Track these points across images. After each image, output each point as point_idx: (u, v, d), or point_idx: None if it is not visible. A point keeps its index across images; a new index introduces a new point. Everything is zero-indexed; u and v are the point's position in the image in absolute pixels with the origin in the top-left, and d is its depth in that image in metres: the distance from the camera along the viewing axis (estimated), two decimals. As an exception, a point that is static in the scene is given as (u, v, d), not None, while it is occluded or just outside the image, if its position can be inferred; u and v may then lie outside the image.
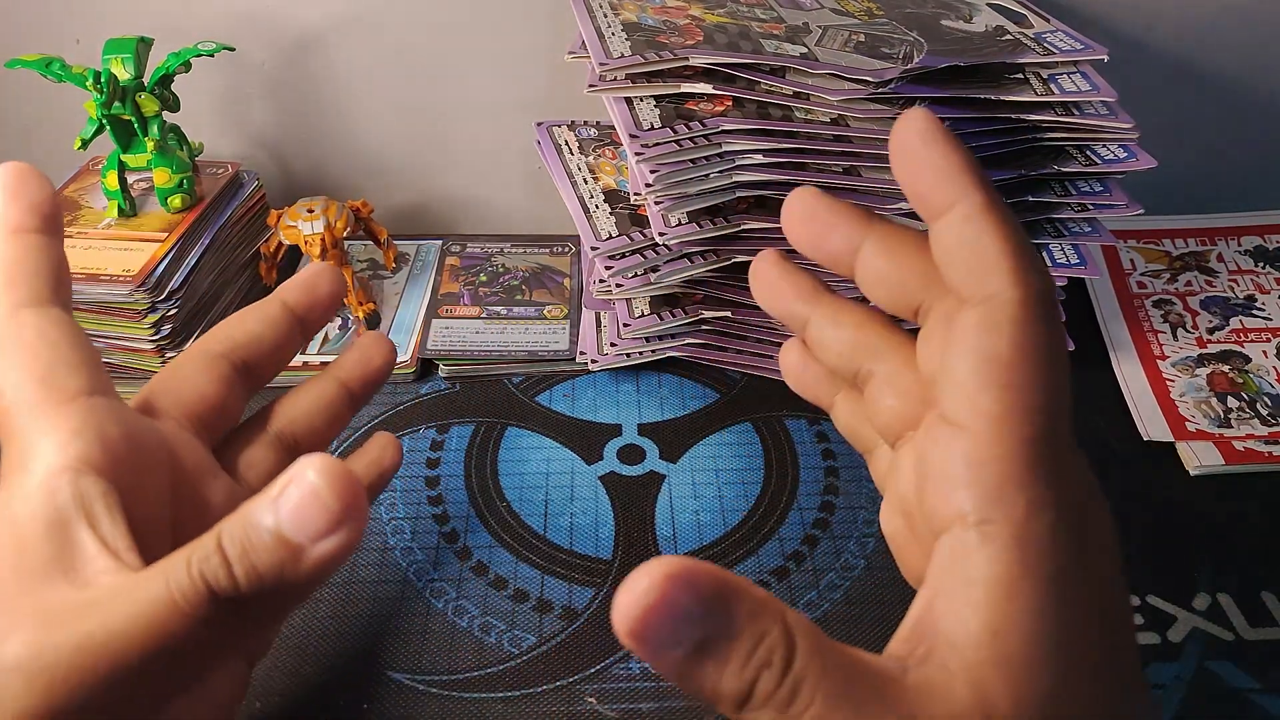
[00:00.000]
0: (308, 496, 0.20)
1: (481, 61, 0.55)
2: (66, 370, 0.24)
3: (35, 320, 0.24)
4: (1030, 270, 0.20)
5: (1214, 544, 0.39)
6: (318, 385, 0.32)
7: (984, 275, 0.20)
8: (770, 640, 0.19)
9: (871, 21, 0.45)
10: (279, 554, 0.20)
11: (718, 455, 0.43)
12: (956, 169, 0.20)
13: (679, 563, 0.18)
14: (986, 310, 0.20)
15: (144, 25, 0.47)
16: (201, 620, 0.20)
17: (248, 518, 0.21)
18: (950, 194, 0.20)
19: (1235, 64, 0.57)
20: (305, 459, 0.20)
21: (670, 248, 0.42)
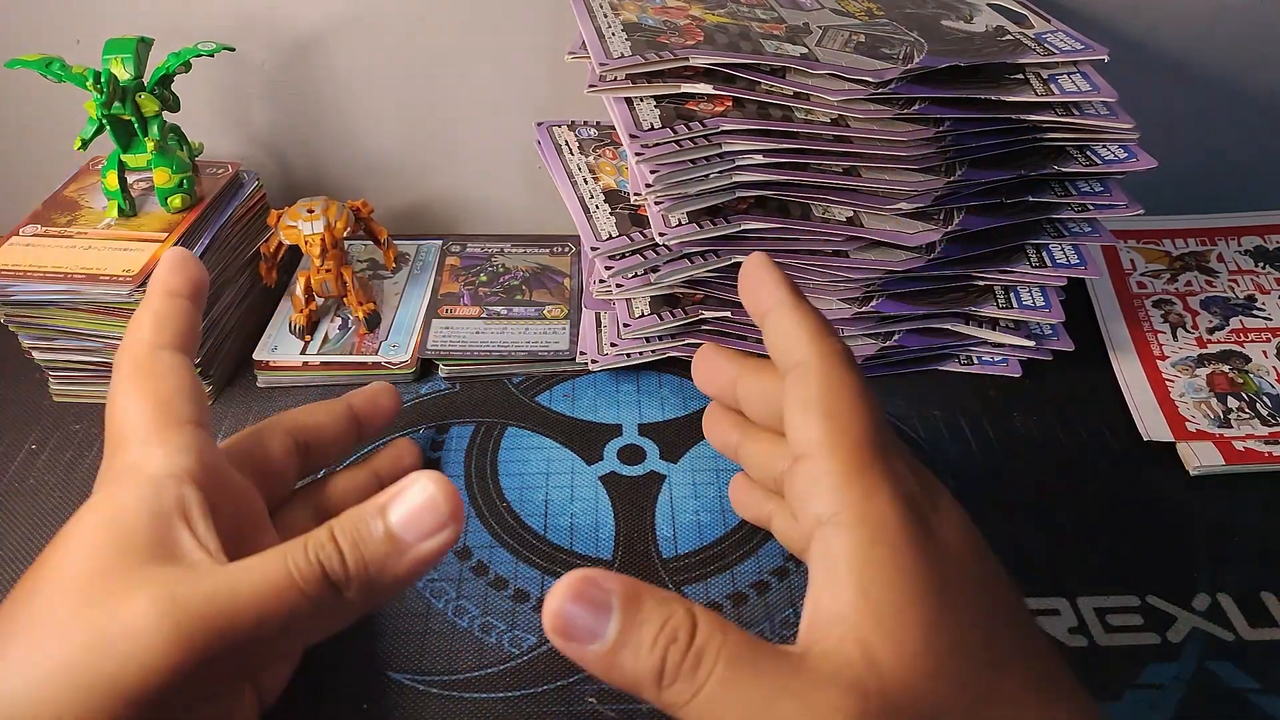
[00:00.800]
0: (424, 502, 0.25)
1: (481, 61, 0.55)
2: (183, 401, 0.28)
3: (169, 359, 0.29)
4: (825, 339, 0.27)
5: (1214, 544, 0.39)
6: (356, 474, 0.37)
7: (795, 349, 0.27)
8: (675, 620, 0.23)
9: (872, 22, 0.45)
10: (386, 548, 0.25)
11: (718, 455, 0.43)
12: (775, 283, 0.29)
13: (593, 570, 0.23)
14: (798, 371, 0.27)
15: (144, 25, 0.47)
16: (314, 598, 0.24)
17: (360, 516, 0.25)
18: (770, 300, 0.29)
19: (1235, 64, 0.57)
20: (418, 473, 0.25)
21: (670, 248, 0.42)
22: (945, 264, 0.43)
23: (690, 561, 0.38)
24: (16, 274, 0.41)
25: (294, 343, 0.47)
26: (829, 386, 0.26)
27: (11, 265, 0.42)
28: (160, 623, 0.22)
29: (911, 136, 0.40)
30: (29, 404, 0.45)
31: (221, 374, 0.47)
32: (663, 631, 0.22)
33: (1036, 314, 0.45)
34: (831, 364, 0.27)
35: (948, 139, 0.41)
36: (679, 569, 0.38)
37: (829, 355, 0.27)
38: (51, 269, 0.42)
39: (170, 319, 0.30)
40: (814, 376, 0.26)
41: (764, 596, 0.37)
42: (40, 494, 0.40)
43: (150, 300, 0.31)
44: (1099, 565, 0.38)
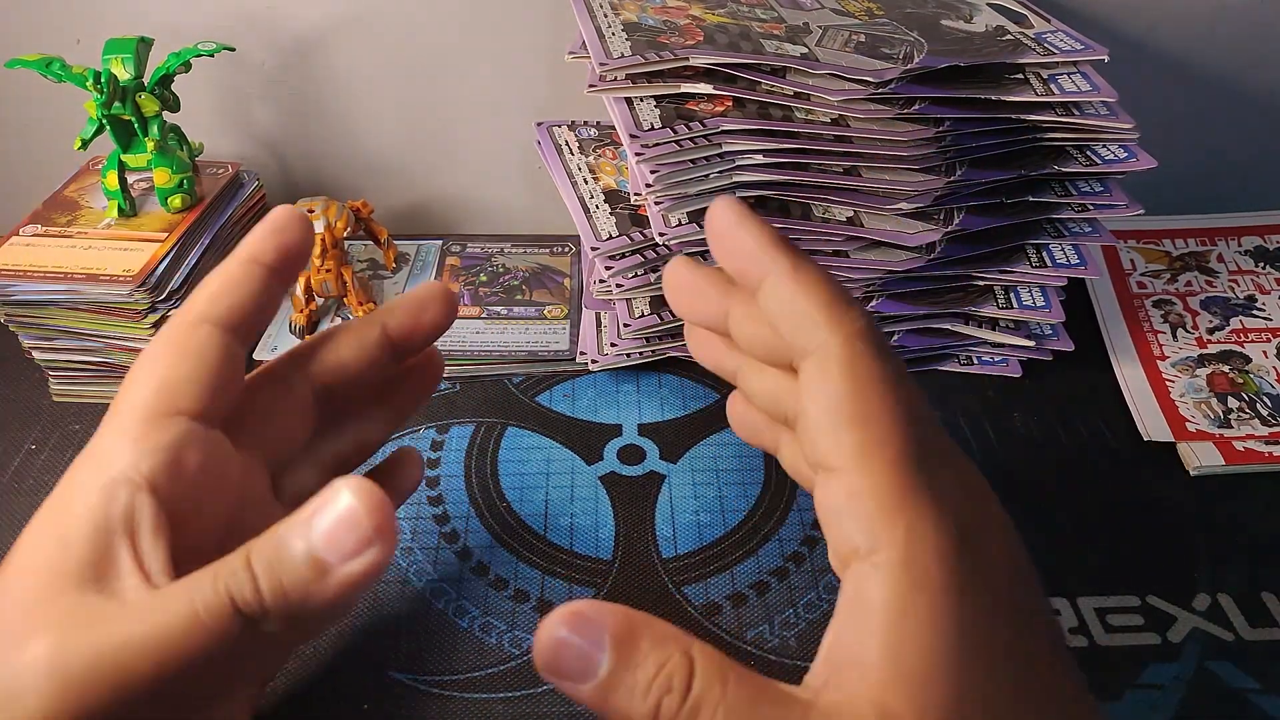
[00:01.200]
0: (343, 516, 0.21)
1: (481, 61, 0.55)
2: (192, 387, 0.25)
3: (205, 335, 0.25)
4: (845, 314, 0.22)
5: (1214, 544, 0.39)
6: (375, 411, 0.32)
7: (806, 330, 0.22)
8: (670, 666, 0.20)
9: (872, 21, 0.45)
10: (305, 572, 0.21)
11: (718, 455, 0.43)
12: (764, 243, 0.23)
13: (587, 604, 0.21)
14: (817, 360, 0.22)
15: (144, 25, 0.47)
16: (223, 636, 0.21)
17: (278, 537, 0.21)
18: (762, 266, 0.23)
19: (1235, 64, 0.57)
20: (340, 480, 0.21)
21: (670, 248, 0.42)
22: (945, 264, 0.43)
23: (690, 561, 0.38)
24: (16, 274, 0.41)
25: (294, 342, 0.47)
26: (858, 383, 0.22)
27: (11, 265, 0.42)
28: (47, 681, 0.21)
29: (911, 136, 0.40)
30: (29, 404, 0.45)
31: (221, 374, 0.46)
32: (658, 677, 0.20)
33: (1036, 314, 0.45)
34: (858, 350, 0.22)
35: (948, 139, 0.41)
36: (679, 569, 0.38)
37: (853, 338, 0.22)
38: (52, 269, 0.42)
39: (236, 289, 0.26)
40: (837, 370, 0.22)
41: (764, 597, 0.37)
42: (40, 494, 0.40)
43: (227, 263, 0.27)
44: (1099, 565, 0.38)
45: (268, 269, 0.27)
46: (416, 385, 0.33)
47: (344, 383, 0.29)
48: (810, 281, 0.23)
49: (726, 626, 0.35)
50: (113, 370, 0.44)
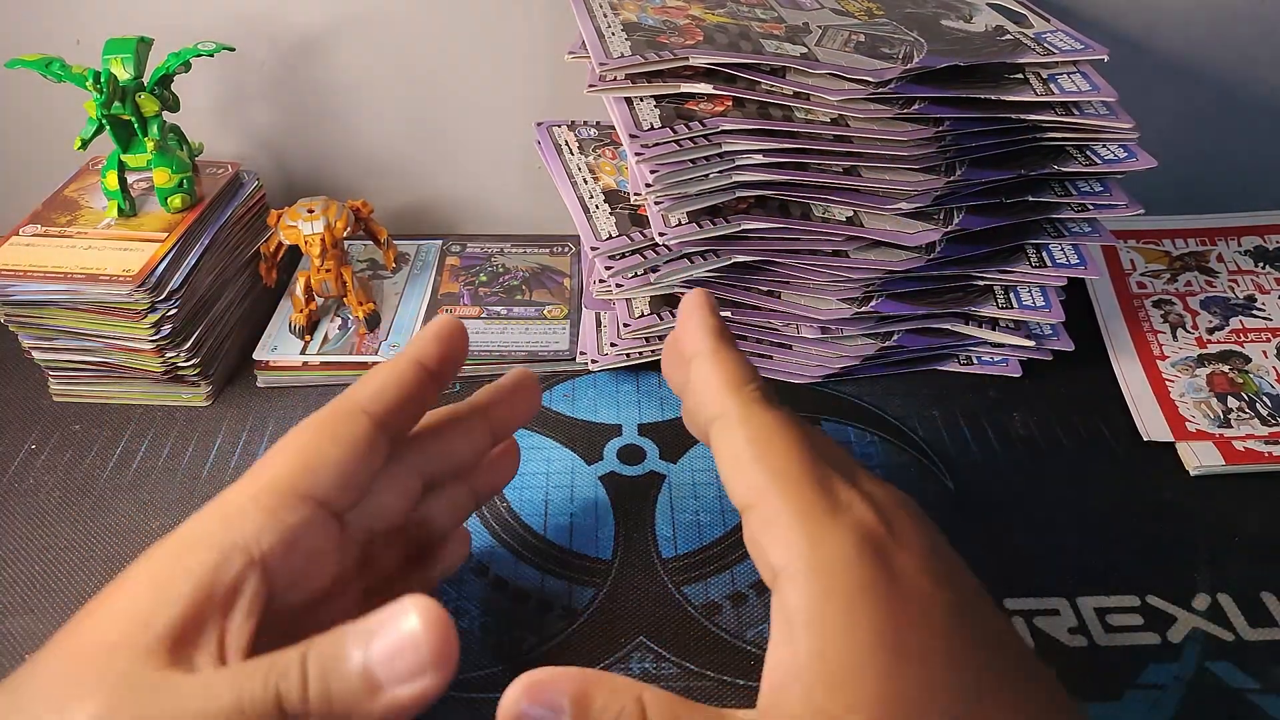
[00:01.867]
0: (405, 638, 0.22)
1: (481, 62, 0.55)
2: (333, 475, 0.26)
3: (362, 427, 0.27)
4: (741, 387, 0.26)
5: (1214, 544, 0.39)
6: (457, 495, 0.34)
7: (712, 400, 0.27)
8: (625, 712, 0.22)
9: (871, 21, 0.45)
10: (357, 685, 0.22)
11: (718, 455, 0.43)
12: (698, 329, 0.28)
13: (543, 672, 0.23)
14: (720, 424, 0.26)
15: (144, 25, 0.47)
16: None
17: (338, 643, 0.22)
18: (692, 346, 0.28)
19: (1235, 64, 0.57)
20: (408, 599, 0.22)
21: (670, 248, 0.42)
22: (945, 264, 0.43)
23: (690, 561, 0.38)
24: (16, 274, 0.41)
25: (294, 342, 0.47)
26: (753, 431, 0.25)
27: (11, 265, 0.42)
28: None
29: (911, 136, 0.40)
30: (29, 404, 0.45)
31: (221, 374, 0.47)
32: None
33: (1036, 314, 0.45)
34: (750, 409, 0.26)
35: (948, 139, 0.41)
36: (678, 569, 0.38)
37: (746, 402, 0.26)
38: (51, 269, 0.42)
39: (398, 389, 0.28)
40: (735, 425, 0.26)
41: (763, 596, 0.37)
42: (39, 493, 0.40)
43: (396, 361, 0.29)
44: (1099, 565, 0.38)
45: (430, 374, 0.29)
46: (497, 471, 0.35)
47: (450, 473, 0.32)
48: (721, 361, 0.27)
49: (726, 626, 0.35)
50: (112, 370, 0.44)
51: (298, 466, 0.26)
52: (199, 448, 0.43)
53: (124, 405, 0.45)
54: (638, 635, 0.35)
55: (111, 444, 0.43)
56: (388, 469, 0.29)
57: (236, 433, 0.44)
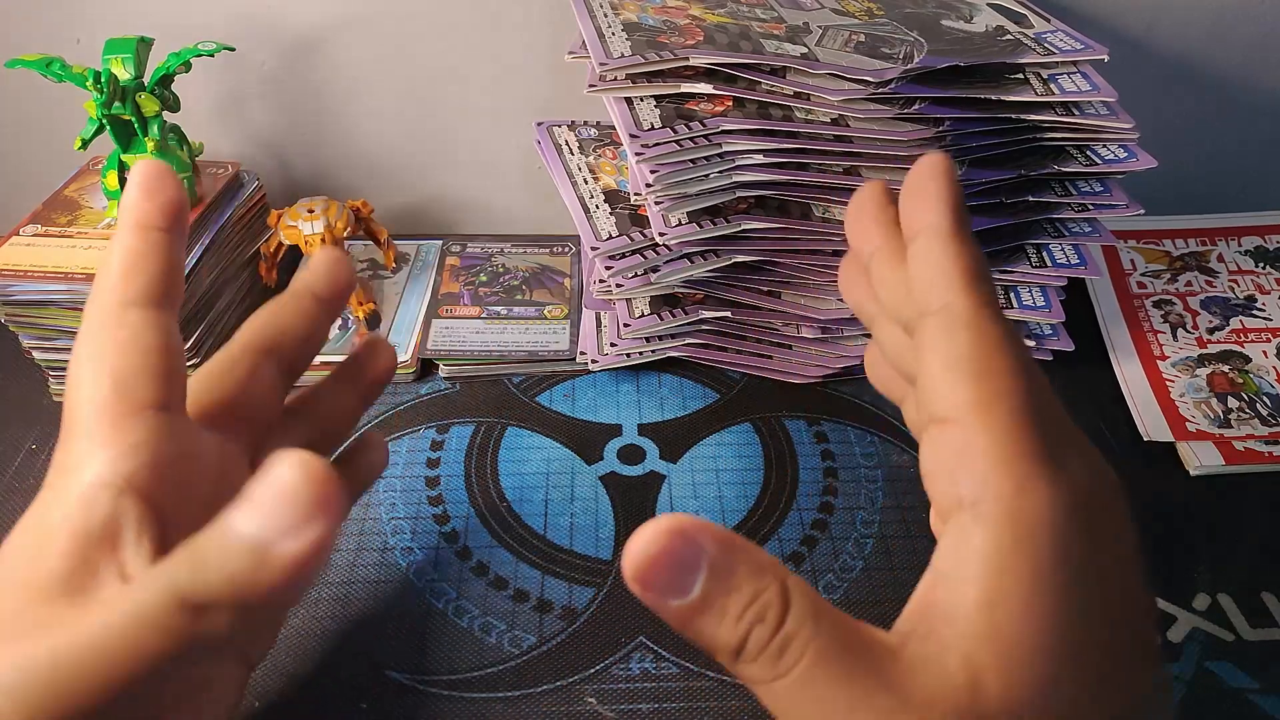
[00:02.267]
0: (281, 491, 0.19)
1: (481, 61, 0.55)
2: (147, 378, 0.24)
3: (137, 321, 0.24)
4: (980, 284, 0.22)
5: (1214, 544, 0.39)
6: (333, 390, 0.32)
7: (939, 288, 0.22)
8: (766, 597, 0.20)
9: (872, 21, 0.45)
10: (246, 558, 0.19)
11: (718, 455, 0.43)
12: (935, 200, 0.23)
13: (686, 518, 0.20)
14: (942, 317, 0.22)
15: (144, 25, 0.47)
16: (172, 633, 0.20)
17: (219, 522, 0.20)
18: (921, 218, 0.23)
19: (1235, 64, 0.57)
20: (279, 453, 0.19)
21: (670, 248, 0.42)
22: (945, 264, 0.43)
23: (690, 561, 0.38)
24: (17, 274, 0.41)
25: (294, 343, 0.47)
26: (982, 342, 0.21)
27: (12, 265, 0.42)
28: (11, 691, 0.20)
29: (911, 136, 0.40)
30: (29, 403, 0.45)
31: (221, 374, 0.46)
32: (751, 607, 0.20)
33: (1036, 314, 0.45)
34: (984, 313, 0.21)
35: (948, 139, 0.41)
36: (679, 569, 0.38)
37: (981, 303, 0.22)
38: (52, 269, 0.42)
39: (142, 261, 0.25)
40: (963, 327, 0.21)
41: (764, 596, 0.37)
42: (40, 494, 0.40)
43: (121, 237, 0.25)
44: (1099, 565, 0.38)
45: (162, 231, 0.25)
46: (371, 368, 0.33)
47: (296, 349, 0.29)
48: (961, 246, 0.22)
49: (726, 626, 0.35)
50: (113, 370, 0.44)
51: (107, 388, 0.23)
52: (199, 448, 0.43)
53: (124, 405, 0.45)
54: (638, 635, 0.35)
55: (111, 444, 0.43)
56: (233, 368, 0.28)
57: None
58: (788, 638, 0.20)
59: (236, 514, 0.19)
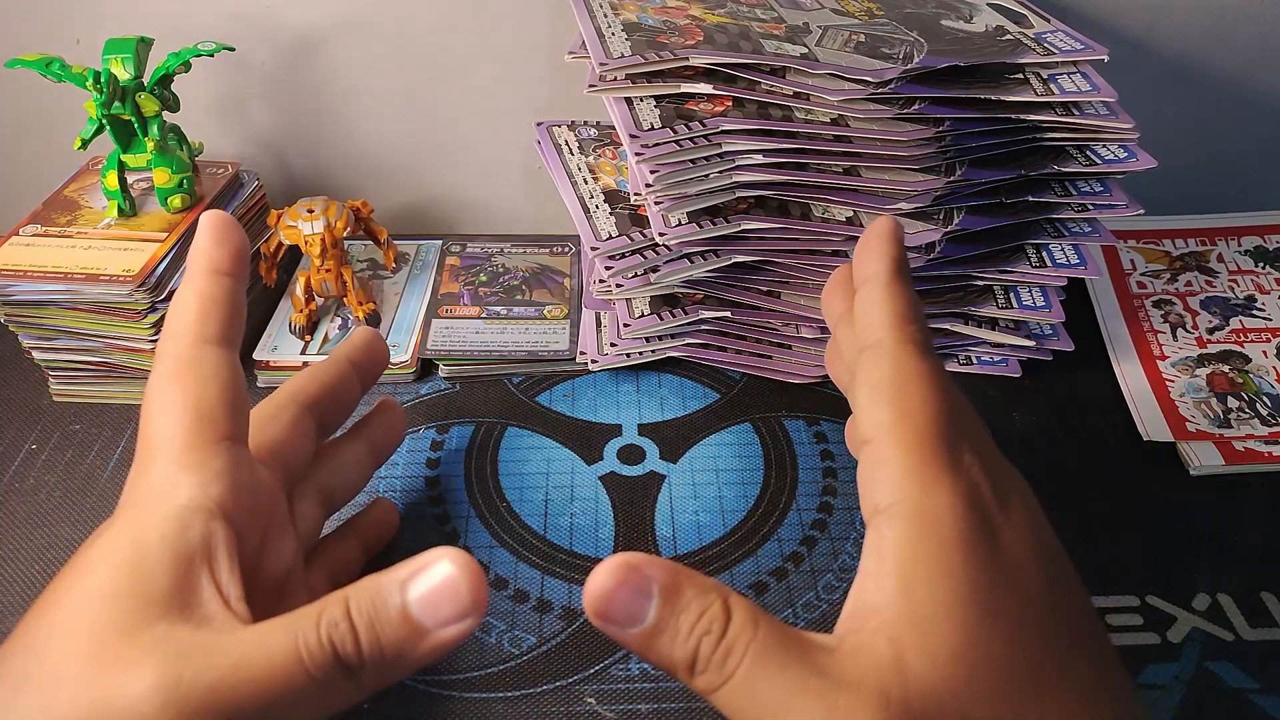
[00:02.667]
0: (445, 585, 0.23)
1: (481, 61, 0.55)
2: (225, 412, 0.26)
3: (214, 359, 0.27)
4: (906, 324, 0.26)
5: (1214, 544, 0.39)
6: (353, 448, 0.36)
7: (873, 327, 0.26)
8: (711, 612, 0.23)
9: (871, 21, 0.45)
10: (403, 632, 0.23)
11: (717, 455, 0.43)
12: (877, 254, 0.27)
13: (636, 555, 0.23)
14: (872, 351, 0.26)
15: (144, 25, 0.47)
16: (321, 683, 0.22)
17: (376, 591, 0.23)
18: (866, 269, 0.27)
19: (1235, 64, 0.57)
20: (440, 550, 0.23)
21: (670, 248, 0.42)
22: (945, 264, 0.43)
23: (690, 562, 0.38)
24: (16, 274, 0.41)
25: (294, 342, 0.48)
26: (899, 371, 0.25)
27: (11, 265, 0.42)
28: (162, 710, 0.21)
29: (911, 136, 0.40)
30: (29, 404, 0.45)
31: (221, 374, 0.47)
32: (699, 622, 0.23)
33: (1036, 314, 0.45)
34: (907, 349, 0.25)
35: (948, 139, 0.41)
36: (679, 569, 0.38)
37: (905, 341, 0.26)
38: (51, 269, 0.42)
39: (216, 305, 0.27)
40: (886, 359, 0.25)
41: (762, 597, 0.37)
42: (40, 494, 0.40)
43: (195, 281, 0.28)
44: (1099, 565, 0.38)
45: (230, 276, 0.28)
46: (385, 429, 0.37)
47: (332, 407, 0.34)
48: (893, 293, 0.27)
49: (726, 626, 0.35)
50: (113, 370, 0.44)
51: (190, 418, 0.25)
52: (199, 448, 0.43)
53: (124, 405, 0.45)
54: (638, 635, 0.35)
55: (112, 444, 0.43)
56: (280, 413, 0.31)
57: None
58: (730, 643, 0.22)
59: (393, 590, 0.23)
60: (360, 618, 0.23)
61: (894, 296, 0.27)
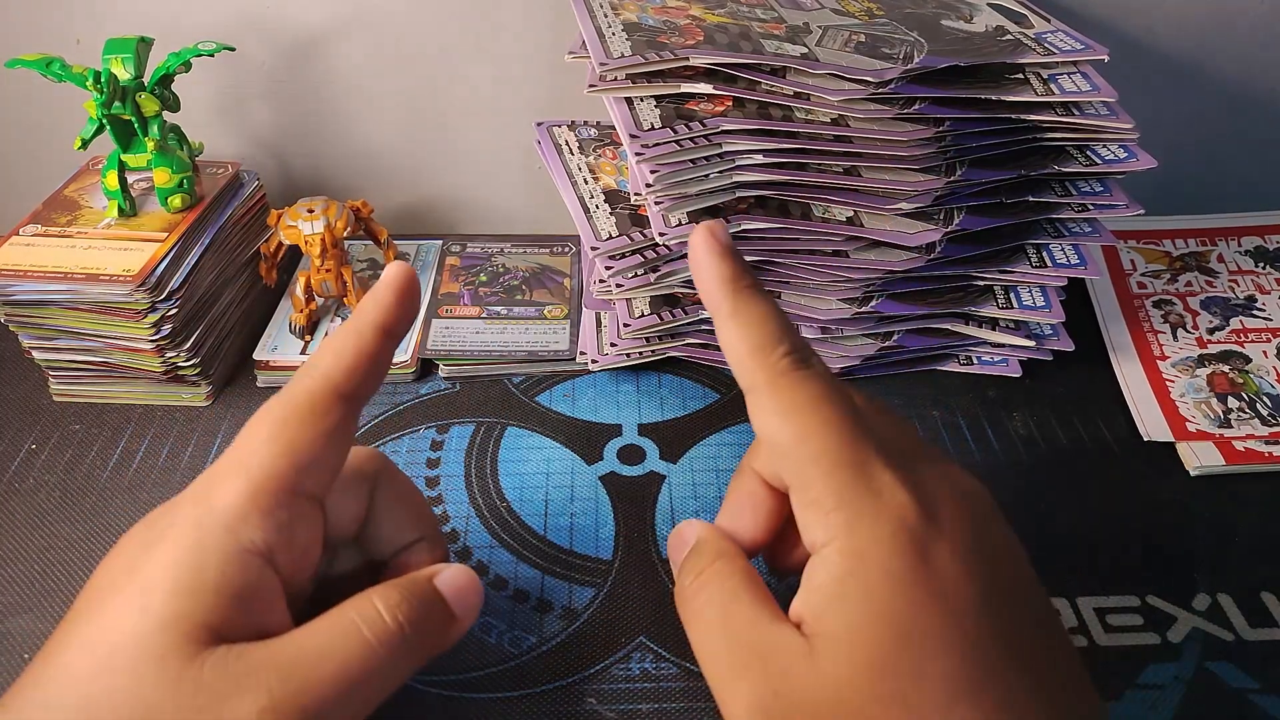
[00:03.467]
0: (469, 581, 0.28)
1: (481, 61, 0.55)
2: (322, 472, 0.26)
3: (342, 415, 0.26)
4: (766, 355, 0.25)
5: (1214, 544, 0.39)
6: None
7: (743, 371, 0.25)
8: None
9: (872, 21, 0.45)
10: (444, 615, 0.27)
11: (718, 455, 0.43)
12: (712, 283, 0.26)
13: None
14: (751, 398, 0.25)
15: (144, 25, 0.47)
16: (383, 655, 0.24)
17: (414, 578, 0.27)
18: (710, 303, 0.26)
19: (1235, 64, 0.57)
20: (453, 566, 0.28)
21: (670, 248, 0.42)
22: (945, 264, 0.43)
23: (690, 561, 0.38)
24: (17, 274, 0.41)
25: (294, 342, 0.47)
26: (784, 407, 0.24)
27: (12, 265, 0.42)
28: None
29: (911, 136, 0.40)
30: (29, 403, 0.45)
31: (221, 374, 0.47)
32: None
33: (1036, 314, 0.45)
34: (779, 382, 0.25)
35: (948, 139, 0.41)
36: (679, 569, 0.38)
37: (774, 373, 0.25)
38: (52, 269, 0.42)
39: (367, 363, 0.27)
40: (766, 401, 0.25)
41: (764, 596, 0.37)
42: (39, 493, 0.40)
43: (360, 332, 0.27)
44: (1099, 565, 0.38)
45: (392, 338, 0.28)
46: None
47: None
48: (742, 324, 0.25)
49: (726, 626, 0.35)
50: (113, 370, 0.44)
51: (287, 465, 0.25)
52: (199, 448, 0.43)
53: (124, 405, 0.45)
54: (638, 635, 0.35)
55: (111, 444, 0.43)
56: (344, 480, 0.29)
57: (236, 432, 0.43)
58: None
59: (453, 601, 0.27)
60: (408, 592, 0.26)
61: (743, 327, 0.25)
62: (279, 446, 0.25)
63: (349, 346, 0.27)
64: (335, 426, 0.26)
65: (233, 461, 0.25)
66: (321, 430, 0.25)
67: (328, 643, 0.24)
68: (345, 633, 0.24)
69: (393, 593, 0.25)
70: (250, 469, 0.25)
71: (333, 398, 0.26)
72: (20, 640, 0.34)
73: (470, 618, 0.28)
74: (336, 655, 0.24)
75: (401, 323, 0.28)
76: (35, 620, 0.35)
